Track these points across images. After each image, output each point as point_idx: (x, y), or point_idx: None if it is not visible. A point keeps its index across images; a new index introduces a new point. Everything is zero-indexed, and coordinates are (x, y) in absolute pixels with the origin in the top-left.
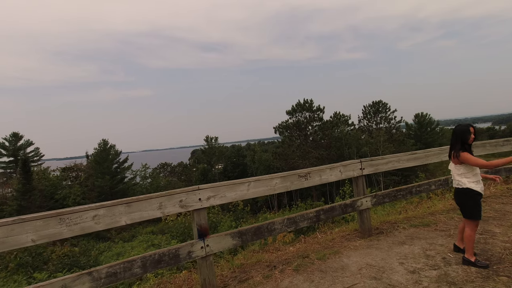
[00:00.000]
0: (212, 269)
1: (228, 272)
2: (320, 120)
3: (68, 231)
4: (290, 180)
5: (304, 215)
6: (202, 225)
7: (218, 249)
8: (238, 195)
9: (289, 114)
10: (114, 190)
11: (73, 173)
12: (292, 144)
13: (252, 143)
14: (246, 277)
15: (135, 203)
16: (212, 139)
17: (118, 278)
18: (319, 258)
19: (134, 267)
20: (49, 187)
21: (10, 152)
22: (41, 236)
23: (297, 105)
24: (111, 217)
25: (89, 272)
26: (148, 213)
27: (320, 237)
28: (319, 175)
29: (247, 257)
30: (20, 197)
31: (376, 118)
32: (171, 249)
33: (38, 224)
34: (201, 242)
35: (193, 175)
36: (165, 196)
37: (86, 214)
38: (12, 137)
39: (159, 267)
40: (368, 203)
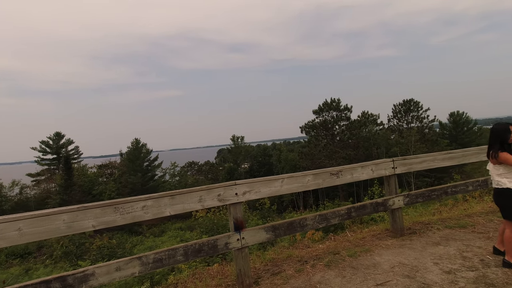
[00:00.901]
0: (247, 261)
1: (261, 265)
2: (347, 119)
3: (121, 219)
4: (322, 177)
5: (335, 212)
6: (238, 218)
7: (253, 242)
8: (272, 191)
9: (315, 114)
10: (145, 187)
11: (108, 170)
12: (319, 144)
13: (278, 143)
14: (278, 270)
15: (178, 196)
16: (238, 138)
17: (163, 264)
18: (350, 255)
19: (177, 255)
20: (87, 183)
21: (54, 150)
22: (100, 222)
23: (324, 104)
24: (157, 208)
25: (139, 257)
26: (189, 206)
27: (350, 236)
28: (350, 173)
29: (277, 252)
30: (63, 192)
31: (407, 117)
32: (210, 240)
33: (97, 211)
34: (237, 234)
35: (219, 174)
36: (204, 190)
37: (137, 204)
38: (55, 136)
39: (199, 256)
40: (400, 202)
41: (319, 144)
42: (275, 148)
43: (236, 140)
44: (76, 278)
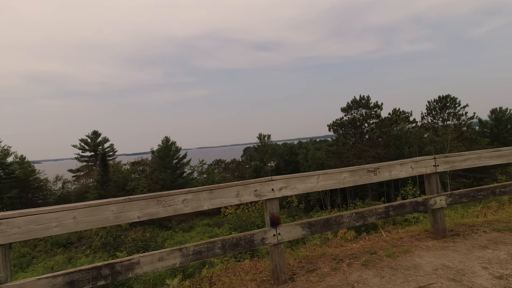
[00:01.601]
0: (283, 256)
1: (295, 262)
2: (377, 117)
3: (163, 211)
4: (359, 174)
5: (372, 210)
6: (274, 214)
7: (289, 238)
8: (308, 187)
9: (344, 111)
10: (174, 183)
11: (140, 167)
12: (347, 142)
13: (304, 141)
14: (313, 267)
15: (216, 190)
16: (265, 137)
17: (202, 256)
18: (388, 255)
19: (215, 248)
20: (121, 178)
21: (91, 148)
22: (144, 214)
23: (353, 101)
24: (196, 202)
25: (180, 248)
26: (227, 200)
27: (385, 236)
28: (388, 171)
29: (310, 250)
30: (100, 187)
31: (442, 114)
32: (247, 235)
33: (142, 203)
34: (273, 230)
35: (246, 172)
36: (241, 185)
37: (178, 197)
38: (93, 134)
39: (236, 250)
40: (442, 202)
41: (347, 143)
42: (302, 147)
43: (263, 138)
44: (124, 266)
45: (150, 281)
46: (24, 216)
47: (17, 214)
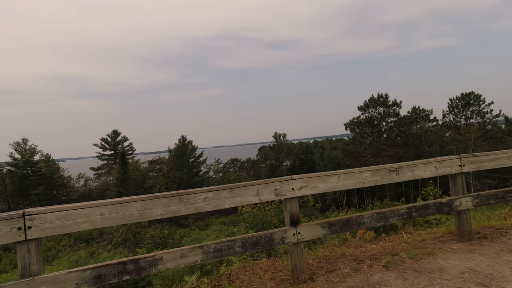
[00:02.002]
0: (303, 256)
1: (314, 262)
2: (396, 115)
3: (185, 209)
4: (380, 174)
5: (394, 210)
6: (294, 213)
7: (309, 237)
8: (328, 187)
9: (361, 110)
10: (191, 182)
11: (158, 166)
12: (364, 142)
13: (320, 140)
14: (333, 268)
15: (237, 189)
16: (280, 135)
17: (223, 254)
18: (411, 257)
19: (235, 246)
20: (140, 177)
21: (111, 147)
22: (167, 211)
23: (370, 100)
24: (217, 200)
25: (201, 246)
26: (247, 199)
27: (406, 237)
28: (411, 170)
29: (328, 250)
30: (119, 185)
31: (465, 112)
32: (267, 233)
33: (164, 201)
34: (293, 229)
35: (261, 171)
36: (262, 184)
37: (199, 196)
38: (113, 134)
39: (256, 249)
40: (468, 203)
41: (365, 142)
42: (317, 146)
43: (278, 137)
44: (147, 262)
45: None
46: (55, 212)
47: (49, 210)
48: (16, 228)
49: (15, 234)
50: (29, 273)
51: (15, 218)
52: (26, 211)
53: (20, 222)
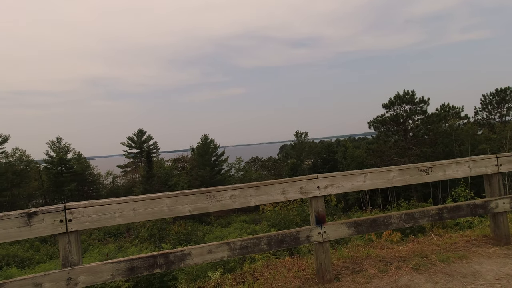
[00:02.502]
0: (328, 255)
1: (339, 262)
2: (423, 113)
3: (212, 206)
4: (409, 173)
5: (424, 211)
6: (320, 212)
7: (334, 237)
8: (354, 186)
9: (385, 108)
10: (213, 180)
11: (181, 164)
12: (389, 140)
13: (342, 139)
14: (359, 268)
15: (263, 187)
16: (302, 134)
17: (249, 251)
18: (442, 260)
19: (261, 243)
20: (164, 174)
21: (137, 145)
22: (195, 208)
23: (396, 97)
24: (243, 198)
25: (227, 242)
26: (273, 197)
27: (436, 239)
28: (442, 170)
29: (354, 250)
30: (145, 182)
31: (500, 109)
32: (292, 232)
33: (192, 198)
34: (318, 228)
35: (283, 170)
36: (287, 182)
37: (226, 193)
38: (139, 133)
39: (281, 247)
40: (506, 205)
41: (389, 141)
42: (340, 145)
43: (300, 136)
44: (176, 256)
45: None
46: (92, 207)
47: (87, 204)
48: (58, 220)
49: (57, 226)
50: (69, 263)
51: (57, 211)
52: (66, 205)
53: (62, 215)
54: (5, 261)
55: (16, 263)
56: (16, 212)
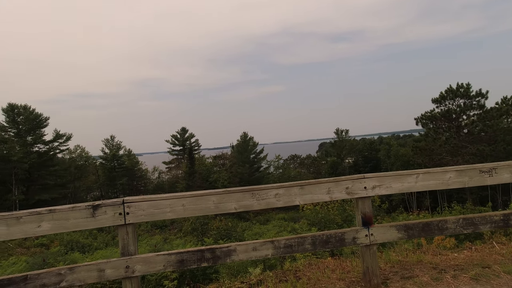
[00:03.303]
0: (375, 259)
1: (386, 266)
2: (480, 107)
3: (257, 204)
4: (469, 175)
5: (486, 217)
6: (367, 213)
7: (382, 240)
8: (404, 187)
9: (435, 103)
10: (252, 177)
11: (221, 161)
12: (439, 138)
13: (385, 136)
14: (410, 274)
15: (307, 186)
16: (342, 131)
17: (293, 250)
18: (508, 272)
19: (305, 243)
20: (205, 171)
21: (180, 143)
22: (240, 205)
23: (448, 91)
24: (288, 196)
25: (272, 241)
26: (318, 196)
27: (498, 248)
28: (509, 172)
29: (402, 255)
30: (187, 178)
31: None
32: (338, 233)
33: (238, 196)
34: (365, 230)
35: (322, 168)
36: (332, 182)
37: (270, 192)
38: (182, 131)
39: (326, 248)
40: None
41: (439, 138)
42: (383, 142)
43: (340, 133)
44: (222, 252)
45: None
46: (147, 201)
47: (142, 199)
48: (118, 213)
49: (117, 218)
50: (127, 252)
51: (117, 205)
52: (125, 199)
53: (121, 209)
54: (70, 246)
55: (78, 248)
56: (84, 204)
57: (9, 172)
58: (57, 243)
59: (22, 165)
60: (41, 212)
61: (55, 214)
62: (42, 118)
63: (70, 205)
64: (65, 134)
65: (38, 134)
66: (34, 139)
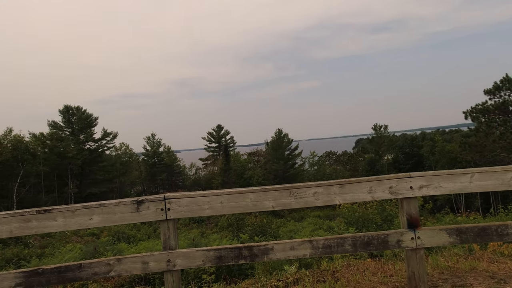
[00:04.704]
0: (423, 264)
1: (434, 272)
2: None
3: (295, 203)
4: None
5: None
6: (413, 215)
7: (431, 244)
8: (456, 187)
9: (488, 94)
10: (286, 174)
11: (256, 158)
12: (492, 132)
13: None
14: (462, 283)
15: (347, 185)
16: (381, 127)
17: (332, 251)
18: None
19: (345, 244)
20: (240, 168)
21: (216, 140)
22: (277, 204)
23: (503, 80)
24: (327, 195)
25: (310, 240)
26: (359, 196)
27: None
28: None
29: (452, 260)
30: (223, 174)
31: None
32: (380, 234)
33: (276, 194)
34: (411, 232)
35: (359, 165)
36: (374, 181)
37: (309, 190)
38: (217, 128)
39: (367, 249)
40: None
41: (492, 133)
42: (426, 138)
43: (378, 129)
44: (260, 250)
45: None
46: (186, 198)
47: (182, 195)
48: (160, 209)
49: (159, 214)
50: (169, 247)
51: (159, 201)
52: (166, 195)
53: (162, 204)
54: (117, 236)
55: (124, 239)
56: (129, 199)
57: (66, 168)
58: (106, 233)
59: (76, 161)
60: (92, 206)
61: (104, 208)
62: (92, 118)
63: (117, 200)
64: (111, 133)
65: (89, 132)
66: (86, 137)
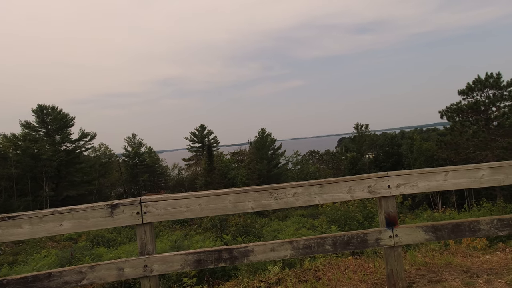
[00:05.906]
0: (401, 261)
1: (412, 269)
2: (511, 98)
3: (275, 203)
4: (505, 172)
5: None
6: (391, 213)
7: (408, 242)
8: (432, 186)
9: (462, 94)
10: (270, 173)
11: (239, 157)
12: (465, 131)
13: (407, 131)
14: (438, 278)
15: (327, 185)
16: (362, 126)
17: (312, 251)
18: None
19: (326, 244)
20: (223, 167)
21: (199, 140)
22: (257, 205)
23: (476, 81)
24: (307, 196)
25: (290, 241)
26: (338, 196)
27: None
28: None
29: (428, 256)
30: (206, 174)
31: None
32: (360, 233)
33: (255, 195)
34: (389, 231)
35: (341, 164)
36: (354, 180)
37: (288, 191)
38: (200, 128)
39: (347, 249)
40: None
41: (466, 131)
42: (405, 137)
43: (360, 128)
44: (240, 252)
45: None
46: (164, 201)
47: (159, 198)
48: (135, 212)
49: (135, 218)
50: (145, 252)
51: (135, 204)
52: (142, 198)
53: (138, 208)
54: (96, 240)
55: (104, 243)
56: (103, 204)
57: (40, 170)
58: (84, 237)
59: (52, 163)
60: (62, 211)
61: (75, 213)
62: (69, 118)
63: (90, 204)
64: (89, 133)
65: (65, 133)
66: (62, 138)
